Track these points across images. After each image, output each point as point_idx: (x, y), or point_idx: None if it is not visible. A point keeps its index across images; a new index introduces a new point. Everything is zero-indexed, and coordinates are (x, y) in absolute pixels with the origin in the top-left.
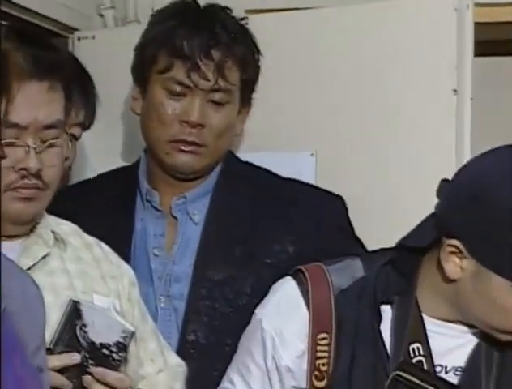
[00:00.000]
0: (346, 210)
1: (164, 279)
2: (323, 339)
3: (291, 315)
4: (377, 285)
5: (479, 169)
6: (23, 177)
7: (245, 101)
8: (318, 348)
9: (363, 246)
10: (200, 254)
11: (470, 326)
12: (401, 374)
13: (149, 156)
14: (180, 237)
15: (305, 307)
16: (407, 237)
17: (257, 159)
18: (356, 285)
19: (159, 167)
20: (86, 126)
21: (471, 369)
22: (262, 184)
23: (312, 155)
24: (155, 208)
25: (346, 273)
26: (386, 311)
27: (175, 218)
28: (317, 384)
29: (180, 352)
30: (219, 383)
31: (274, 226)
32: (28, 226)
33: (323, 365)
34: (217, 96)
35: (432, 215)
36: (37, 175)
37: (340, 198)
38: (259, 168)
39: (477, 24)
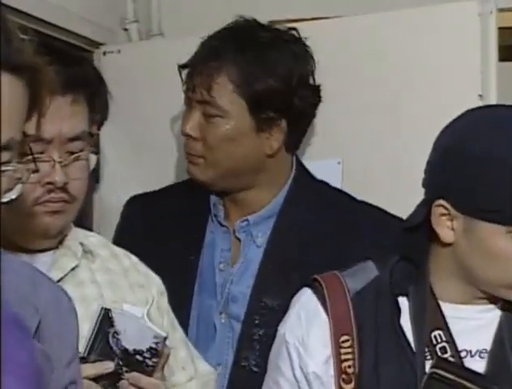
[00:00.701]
0: None
1: (224, 296)
2: (346, 341)
3: (311, 323)
4: (393, 280)
5: (443, 134)
6: (49, 191)
7: (266, 119)
8: (342, 350)
9: None
10: (258, 277)
11: (487, 302)
12: (437, 371)
13: None
14: (242, 257)
15: (323, 313)
16: (404, 223)
17: None
18: (371, 285)
19: None
20: (100, 122)
21: (497, 352)
22: (330, 206)
23: (339, 163)
24: (220, 223)
25: (360, 276)
26: (404, 303)
27: (239, 239)
28: (346, 387)
29: (232, 375)
30: None
31: (334, 252)
32: (57, 239)
33: (349, 367)
34: (206, 109)
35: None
36: (63, 188)
37: None
38: (332, 188)
39: (501, 29)
